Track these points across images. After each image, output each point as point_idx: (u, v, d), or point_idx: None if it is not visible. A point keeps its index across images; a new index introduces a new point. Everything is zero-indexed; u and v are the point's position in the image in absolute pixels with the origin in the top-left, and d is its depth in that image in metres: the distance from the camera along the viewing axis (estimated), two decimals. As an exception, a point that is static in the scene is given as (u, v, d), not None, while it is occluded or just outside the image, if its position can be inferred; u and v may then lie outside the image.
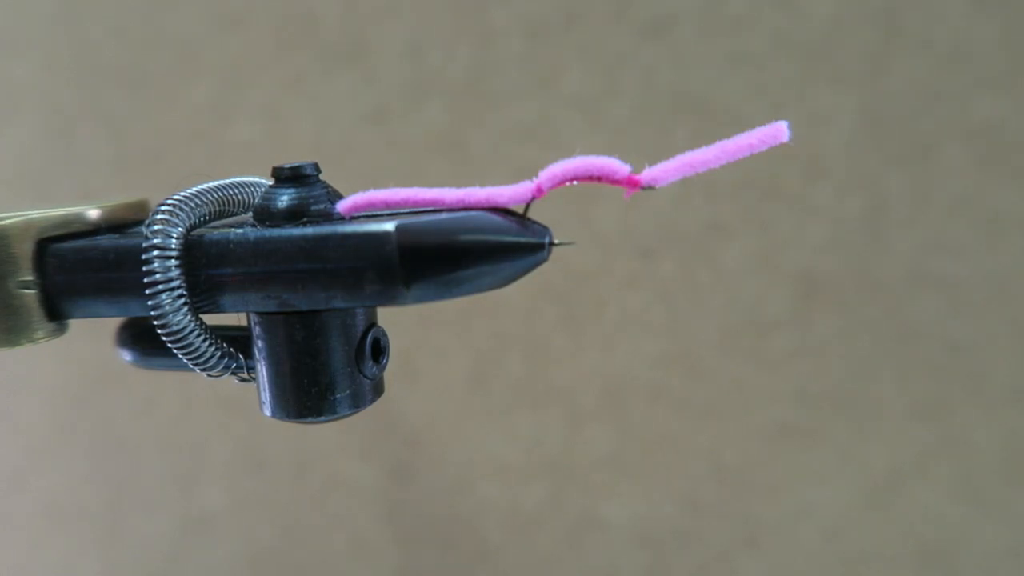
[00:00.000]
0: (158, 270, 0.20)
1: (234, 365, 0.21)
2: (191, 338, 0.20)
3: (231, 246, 0.20)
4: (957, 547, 0.43)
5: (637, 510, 0.45)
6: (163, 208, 0.20)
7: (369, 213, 0.20)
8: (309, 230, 0.19)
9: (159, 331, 0.20)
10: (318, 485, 0.47)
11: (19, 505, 0.50)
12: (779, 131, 0.20)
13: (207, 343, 0.21)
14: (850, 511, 0.43)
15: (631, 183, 0.19)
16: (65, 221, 0.22)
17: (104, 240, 0.22)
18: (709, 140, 0.21)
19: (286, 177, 0.21)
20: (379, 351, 0.22)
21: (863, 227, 0.41)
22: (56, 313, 0.22)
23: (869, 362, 0.42)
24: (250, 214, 0.21)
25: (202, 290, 0.20)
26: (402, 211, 0.20)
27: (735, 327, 0.42)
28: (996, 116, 0.40)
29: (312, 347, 0.21)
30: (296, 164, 0.21)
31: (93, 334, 0.28)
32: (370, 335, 0.21)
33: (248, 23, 0.44)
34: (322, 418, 0.21)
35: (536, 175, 0.20)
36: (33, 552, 0.51)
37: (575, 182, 0.20)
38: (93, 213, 0.22)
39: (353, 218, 0.20)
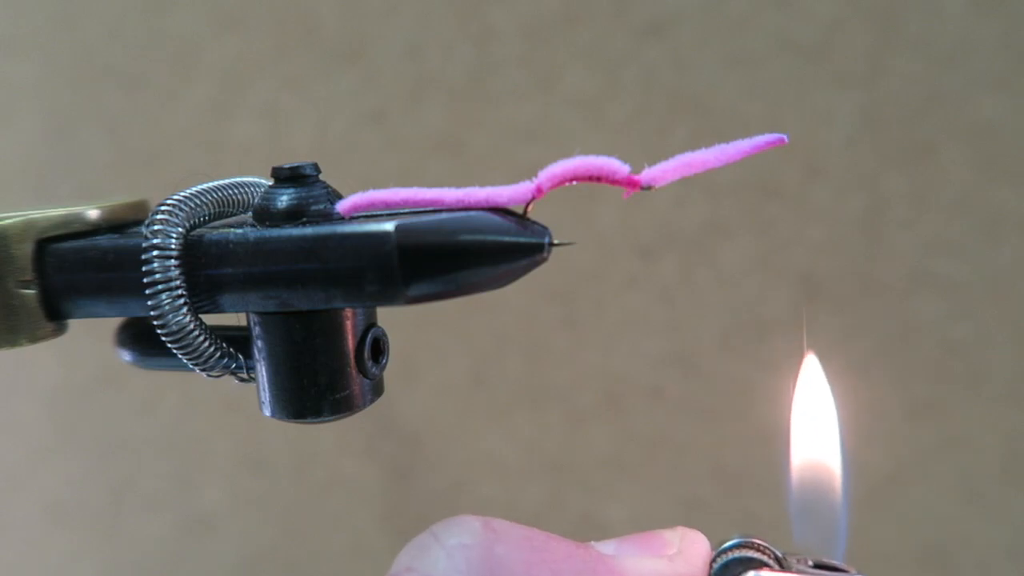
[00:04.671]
0: (158, 270, 0.20)
1: (234, 365, 0.21)
2: (191, 338, 0.20)
3: (231, 246, 0.20)
4: (957, 547, 0.43)
5: (637, 510, 0.45)
6: (163, 208, 0.20)
7: (369, 213, 0.20)
8: (309, 230, 0.19)
9: (159, 331, 0.20)
10: (318, 485, 0.47)
11: (19, 505, 0.50)
12: (778, 137, 0.20)
13: (207, 343, 0.21)
14: (850, 511, 0.43)
15: (631, 183, 0.19)
16: (65, 221, 0.22)
17: (104, 240, 0.21)
18: (708, 140, 0.21)
19: (286, 177, 0.21)
20: (379, 351, 0.22)
21: (863, 227, 0.41)
22: (56, 313, 0.22)
23: (869, 362, 0.42)
24: (250, 214, 0.21)
25: (202, 290, 0.20)
26: (402, 211, 0.20)
27: (735, 327, 0.42)
28: (996, 116, 0.40)
29: (312, 347, 0.21)
30: (296, 164, 0.21)
31: (93, 334, 0.28)
32: (370, 335, 0.21)
33: (248, 23, 0.44)
34: (322, 418, 0.21)
35: (536, 175, 0.20)
36: (33, 552, 0.51)
37: (575, 182, 0.20)
38: (93, 213, 0.22)
39: (353, 218, 0.20)
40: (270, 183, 0.21)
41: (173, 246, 0.20)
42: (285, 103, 0.44)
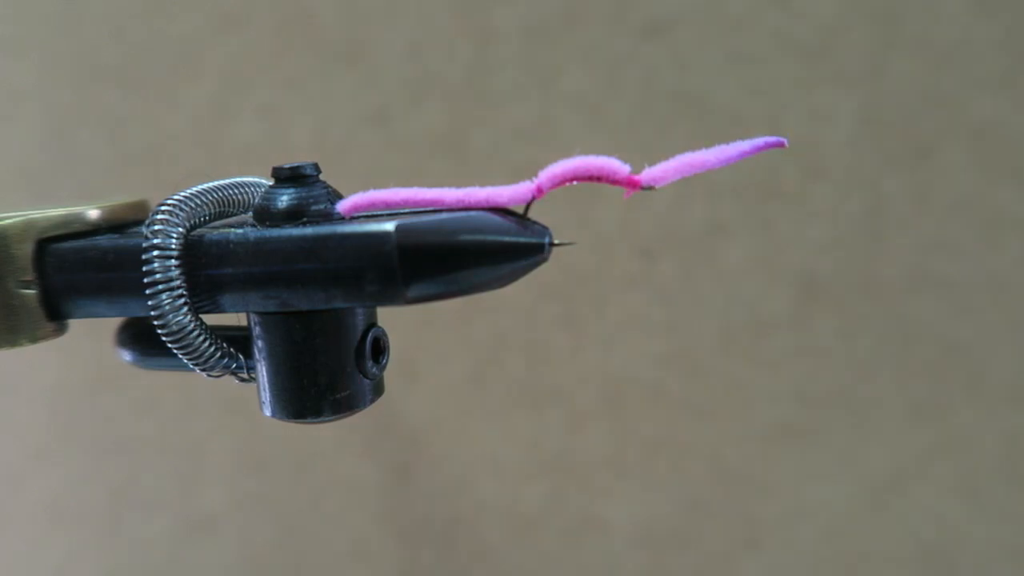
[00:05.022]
0: (158, 270, 0.20)
1: (234, 365, 0.21)
2: (191, 338, 0.20)
3: (231, 246, 0.20)
4: (957, 547, 0.43)
5: (637, 510, 0.45)
6: (163, 208, 0.20)
7: (369, 213, 0.20)
8: (309, 230, 0.19)
9: (159, 331, 0.20)
10: (318, 485, 0.47)
11: (19, 505, 0.50)
12: (777, 140, 0.20)
13: (207, 343, 0.21)
14: (850, 511, 0.43)
15: (631, 183, 0.19)
16: (65, 221, 0.22)
17: (104, 240, 0.22)
18: (709, 140, 0.21)
19: (286, 177, 0.21)
20: (379, 351, 0.22)
21: (863, 227, 0.41)
22: (56, 313, 0.22)
23: (869, 362, 0.42)
24: (250, 214, 0.21)
25: (202, 290, 0.20)
26: (402, 211, 0.20)
27: (735, 327, 0.42)
28: (996, 116, 0.40)
29: (312, 347, 0.21)
30: (296, 164, 0.21)
31: (93, 334, 0.28)
32: (370, 335, 0.21)
33: (248, 23, 0.44)
34: (322, 418, 0.21)
35: (536, 175, 0.20)
36: (33, 552, 0.51)
37: (575, 182, 0.20)
38: (93, 213, 0.22)
39: (353, 218, 0.20)
40: (270, 183, 0.21)
41: (173, 246, 0.20)
42: (285, 103, 0.44)
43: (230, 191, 0.22)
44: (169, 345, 0.20)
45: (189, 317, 0.20)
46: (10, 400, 0.49)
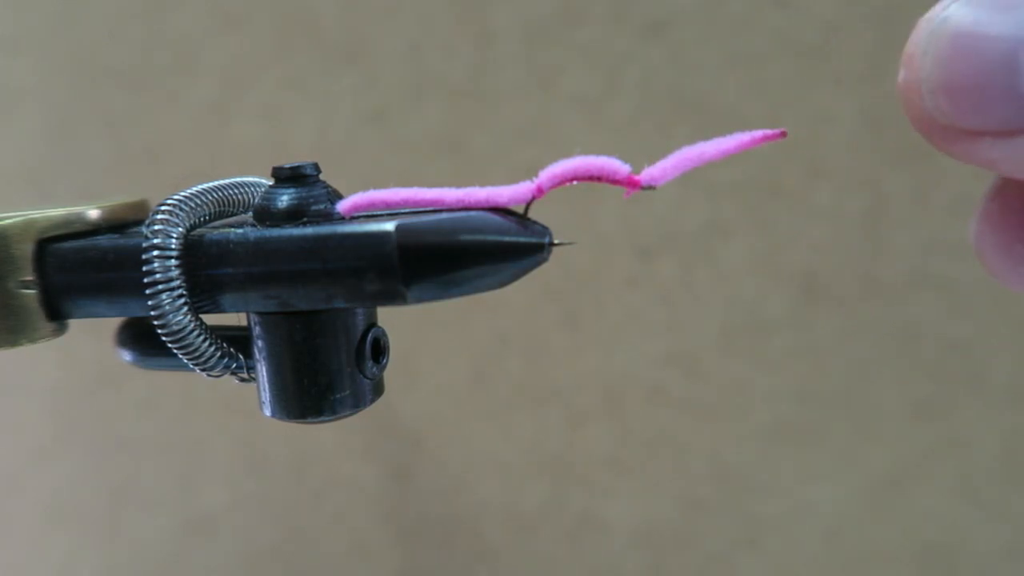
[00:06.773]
0: (158, 270, 0.20)
1: (234, 365, 0.21)
2: (191, 338, 0.20)
3: (231, 246, 0.20)
4: (957, 547, 0.43)
5: (637, 510, 0.45)
6: (163, 208, 0.20)
7: (369, 213, 0.20)
8: (309, 230, 0.19)
9: (159, 331, 0.20)
10: (318, 485, 0.47)
11: (19, 505, 0.50)
12: (777, 131, 0.20)
13: (207, 343, 0.21)
14: (850, 511, 0.43)
15: (631, 183, 0.19)
16: (65, 221, 0.22)
17: (104, 240, 0.22)
18: (709, 140, 0.21)
19: (286, 177, 0.21)
20: (379, 351, 0.22)
21: (863, 227, 0.41)
22: (56, 313, 0.22)
23: (869, 362, 0.42)
24: (250, 214, 0.21)
25: (202, 290, 0.20)
26: (402, 211, 0.20)
27: (735, 327, 0.42)
28: (996, 116, 0.40)
29: (312, 347, 0.21)
30: (296, 164, 0.21)
31: (93, 334, 0.28)
32: (370, 335, 0.21)
33: (248, 23, 0.44)
34: (322, 418, 0.21)
35: (536, 175, 0.20)
36: (33, 552, 0.51)
37: (575, 182, 0.20)
38: (93, 213, 0.22)
39: (353, 218, 0.20)
40: (270, 183, 0.21)
41: (173, 246, 0.20)
42: (285, 103, 0.44)
43: (230, 191, 0.22)
44: (169, 345, 0.20)
45: (189, 317, 0.20)
46: (10, 400, 0.49)
